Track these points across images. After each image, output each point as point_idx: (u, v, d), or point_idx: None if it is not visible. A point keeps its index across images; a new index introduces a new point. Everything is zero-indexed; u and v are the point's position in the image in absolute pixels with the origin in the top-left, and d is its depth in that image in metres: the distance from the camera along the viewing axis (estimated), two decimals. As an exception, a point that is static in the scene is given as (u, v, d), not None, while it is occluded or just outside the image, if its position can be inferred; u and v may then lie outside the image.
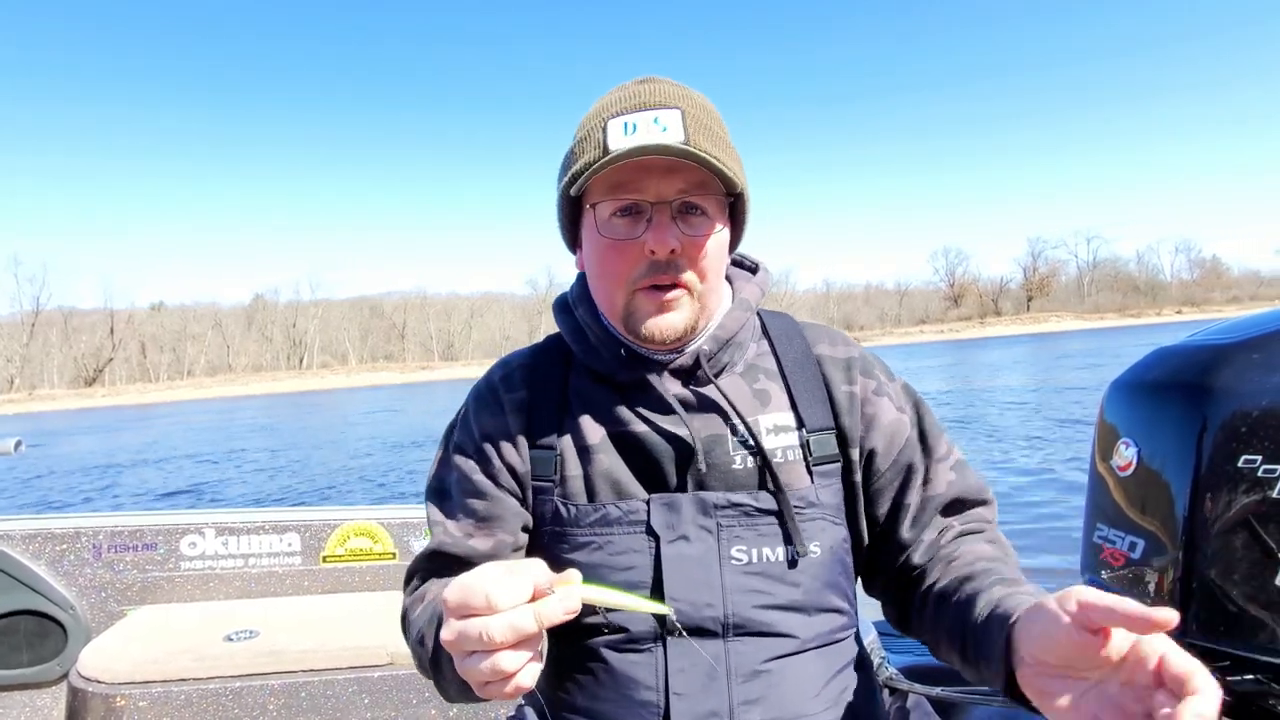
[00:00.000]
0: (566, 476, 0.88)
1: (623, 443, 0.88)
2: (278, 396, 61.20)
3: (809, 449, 0.89)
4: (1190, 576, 1.17)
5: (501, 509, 0.90)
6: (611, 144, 0.80)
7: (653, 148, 0.78)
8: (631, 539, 0.85)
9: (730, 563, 0.84)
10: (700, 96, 0.87)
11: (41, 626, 2.14)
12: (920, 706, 1.39)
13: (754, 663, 0.83)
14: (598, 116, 0.84)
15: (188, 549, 2.23)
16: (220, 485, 12.89)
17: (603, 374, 0.91)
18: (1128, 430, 1.29)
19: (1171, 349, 1.30)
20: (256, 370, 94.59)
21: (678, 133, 0.80)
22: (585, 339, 0.92)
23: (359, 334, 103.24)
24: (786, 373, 0.93)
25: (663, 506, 0.85)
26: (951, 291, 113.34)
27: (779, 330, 0.98)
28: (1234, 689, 1.16)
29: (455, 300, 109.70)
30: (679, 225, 0.82)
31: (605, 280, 0.87)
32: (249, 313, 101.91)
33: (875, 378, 0.95)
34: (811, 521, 0.87)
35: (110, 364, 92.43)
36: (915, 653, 1.57)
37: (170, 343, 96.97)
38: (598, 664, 0.85)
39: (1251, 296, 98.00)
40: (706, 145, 0.80)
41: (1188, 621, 1.19)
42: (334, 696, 1.88)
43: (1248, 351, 1.17)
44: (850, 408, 0.92)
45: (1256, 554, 1.13)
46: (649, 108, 0.82)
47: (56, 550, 2.19)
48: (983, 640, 0.71)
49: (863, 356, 0.97)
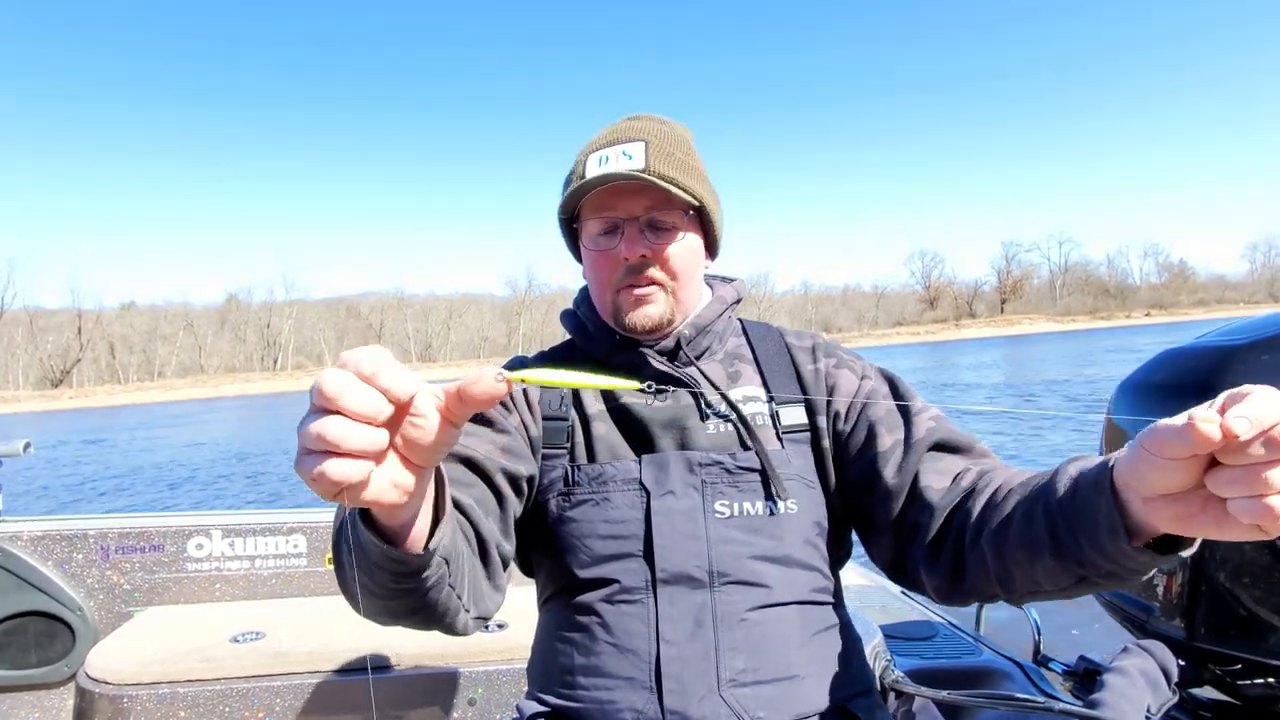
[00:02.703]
0: (575, 444, 1.00)
1: (617, 414, 1.01)
2: (251, 398, 60.23)
3: (778, 419, 1.00)
4: (1199, 580, 1.17)
5: (509, 434, 0.96)
6: (589, 173, 0.97)
7: (613, 176, 0.95)
8: (625, 495, 0.95)
9: (714, 515, 0.93)
10: (676, 128, 1.05)
11: (49, 627, 2.16)
12: (927, 710, 1.37)
13: (739, 611, 0.90)
14: (584, 152, 1.02)
15: (194, 550, 2.25)
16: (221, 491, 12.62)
17: (600, 359, 1.05)
18: (1135, 431, 1.28)
19: (1180, 350, 1.30)
20: (229, 371, 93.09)
21: (640, 161, 0.96)
22: (586, 331, 1.07)
23: (335, 335, 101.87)
24: (759, 358, 1.06)
25: (652, 465, 0.96)
26: (927, 294, 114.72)
27: (758, 331, 1.12)
28: (1244, 693, 1.16)
29: (433, 301, 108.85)
30: (647, 235, 0.98)
31: (595, 284, 1.04)
32: (222, 313, 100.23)
33: (836, 355, 1.07)
34: (787, 480, 0.96)
35: (78, 365, 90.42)
36: (922, 656, 1.56)
37: (140, 343, 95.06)
38: (592, 618, 0.93)
39: (1218, 300, 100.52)
40: (664, 169, 0.96)
41: (1196, 625, 1.18)
42: (340, 698, 1.90)
43: (1257, 353, 1.17)
44: (815, 382, 1.04)
45: (1266, 558, 1.13)
46: (620, 142, 0.98)
47: (64, 551, 2.21)
48: (1082, 510, 0.68)
49: (827, 344, 1.09)
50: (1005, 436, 11.13)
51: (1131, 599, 1.28)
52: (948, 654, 1.59)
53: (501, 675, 1.99)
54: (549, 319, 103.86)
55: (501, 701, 2.00)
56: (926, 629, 1.71)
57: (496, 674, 1.99)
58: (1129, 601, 1.29)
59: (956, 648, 1.62)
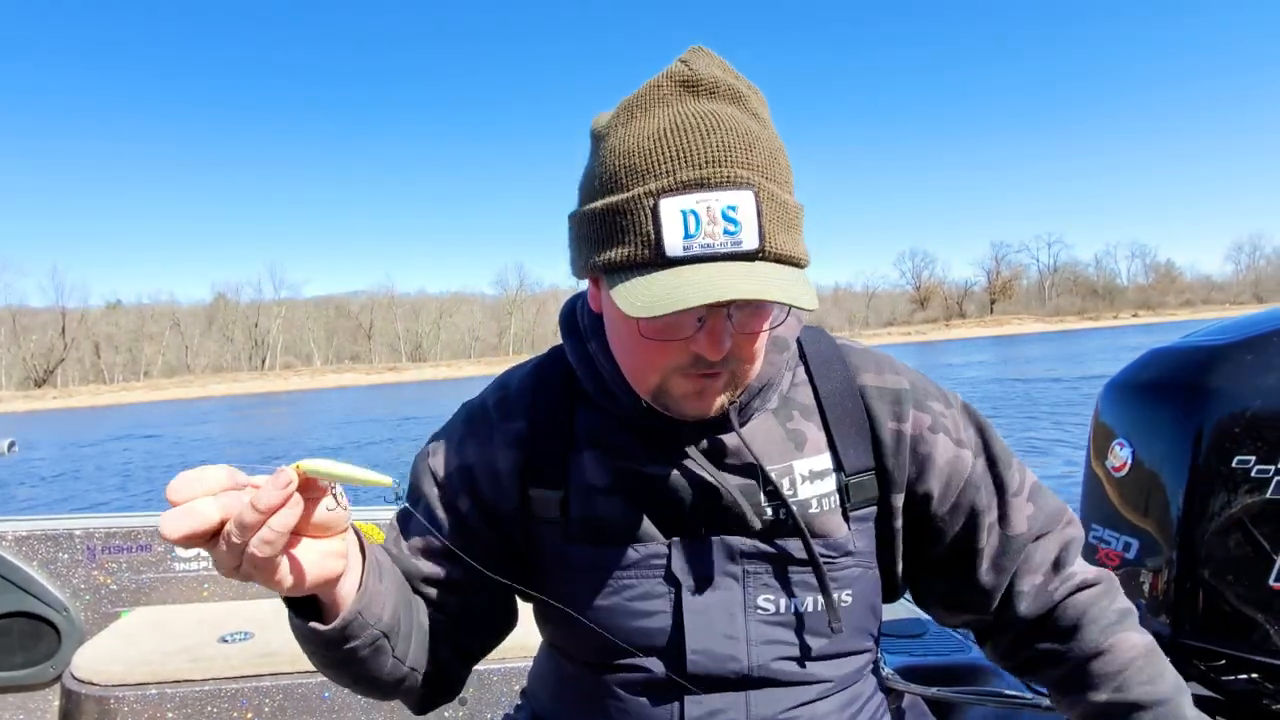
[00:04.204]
0: (573, 518, 0.82)
1: (639, 485, 0.81)
2: (238, 398, 59.80)
3: (847, 494, 0.83)
4: (1185, 577, 1.18)
5: (462, 544, 0.83)
6: (667, 243, 0.65)
7: (725, 286, 0.62)
8: (650, 584, 0.80)
9: (756, 612, 0.80)
10: (768, 127, 0.72)
11: (35, 628, 2.13)
12: (916, 707, 1.38)
13: (774, 711, 0.80)
14: (645, 176, 0.66)
15: (182, 550, 2.23)
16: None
17: (613, 412, 0.83)
18: (1122, 431, 1.30)
19: (1166, 349, 1.31)
20: (217, 371, 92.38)
21: (751, 231, 0.65)
22: (599, 377, 0.83)
23: (324, 334, 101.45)
24: (825, 408, 0.84)
25: (685, 551, 0.80)
26: (918, 294, 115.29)
27: (818, 356, 0.87)
28: (1229, 688, 1.17)
29: (423, 300, 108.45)
30: (733, 318, 0.70)
31: (635, 363, 0.76)
32: (209, 311, 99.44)
33: (929, 410, 0.86)
34: (845, 570, 0.82)
35: (62, 365, 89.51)
36: (911, 653, 1.57)
37: (126, 343, 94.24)
38: (609, 699, 0.82)
39: (1204, 300, 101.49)
40: (783, 238, 0.67)
41: (1181, 622, 1.20)
42: (329, 698, 1.89)
43: (1241, 352, 1.18)
44: (897, 448, 0.84)
45: (1250, 554, 1.14)
46: (715, 185, 0.65)
47: (49, 552, 2.18)
48: None
49: (914, 386, 0.87)
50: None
51: (1118, 596, 1.30)
52: (938, 651, 1.60)
53: (492, 675, 1.99)
54: (540, 318, 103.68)
55: (492, 701, 1.99)
56: (917, 626, 1.72)
57: (487, 673, 1.98)
58: (1116, 598, 1.30)
59: (946, 645, 1.63)
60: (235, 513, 0.56)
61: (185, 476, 0.57)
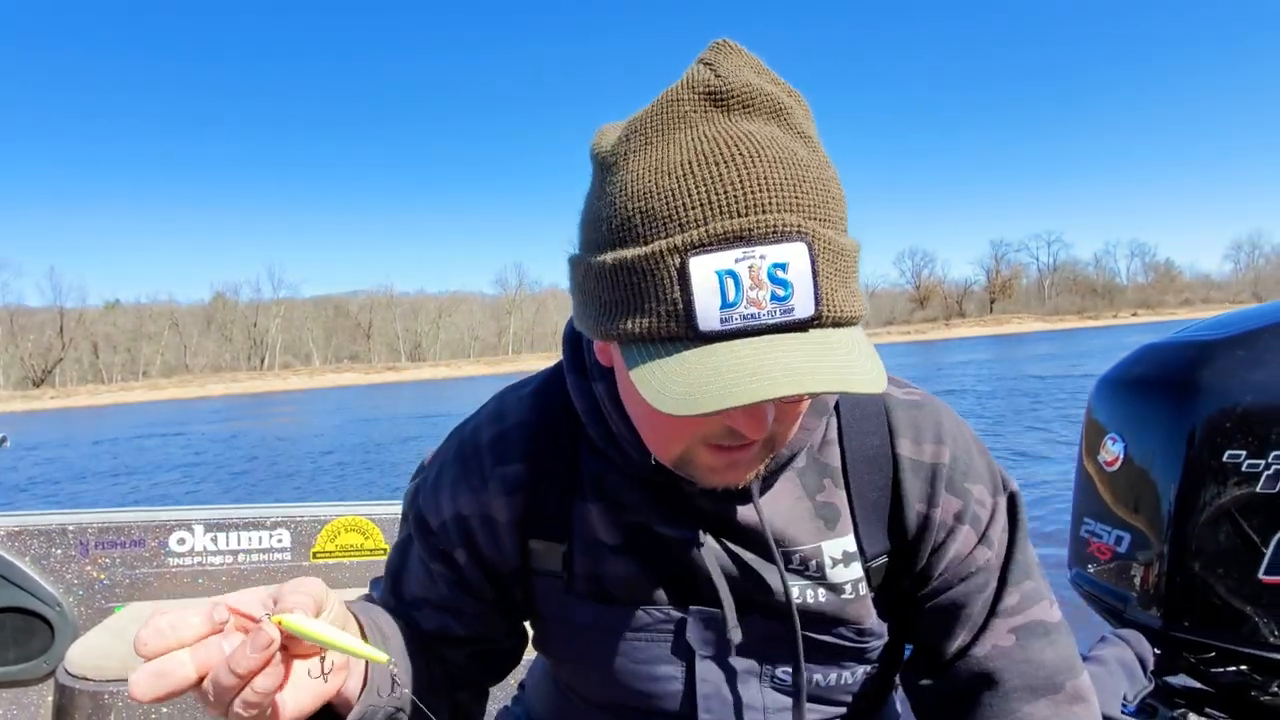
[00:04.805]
0: (578, 574, 0.76)
1: (650, 544, 0.74)
2: (236, 398, 59.78)
3: (871, 578, 0.75)
4: (1176, 570, 1.19)
5: (461, 598, 0.79)
6: (700, 315, 0.52)
7: (777, 375, 0.51)
8: (660, 649, 0.75)
9: (773, 683, 0.76)
10: (818, 151, 0.59)
11: (28, 624, 2.13)
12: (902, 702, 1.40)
13: None
14: (668, 226, 0.53)
15: (176, 545, 2.23)
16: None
17: (625, 469, 0.75)
18: (1114, 426, 1.31)
19: (1158, 345, 1.32)
20: (215, 371, 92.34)
21: (806, 295, 0.52)
22: (607, 426, 0.73)
23: (323, 334, 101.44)
24: (850, 476, 0.75)
25: (702, 621, 0.74)
26: (917, 293, 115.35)
27: (854, 411, 0.76)
28: (1218, 680, 1.18)
29: (423, 299, 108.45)
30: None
31: (657, 433, 0.65)
32: (208, 311, 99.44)
33: (962, 493, 0.75)
34: (872, 648, 0.78)
35: (60, 364, 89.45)
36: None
37: (125, 342, 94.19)
38: None
39: (1203, 299, 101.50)
40: (842, 295, 0.54)
41: (1172, 614, 1.20)
42: None
43: (1233, 348, 1.19)
44: (920, 533, 0.75)
45: (1240, 547, 1.15)
46: (758, 238, 0.51)
47: (42, 547, 2.18)
48: None
49: (955, 460, 0.75)
50: (995, 436, 11.22)
51: (1109, 589, 1.31)
52: None
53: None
54: (539, 317, 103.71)
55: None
56: None
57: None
58: (1106, 591, 1.31)
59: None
60: (212, 672, 0.50)
61: (157, 627, 0.50)
